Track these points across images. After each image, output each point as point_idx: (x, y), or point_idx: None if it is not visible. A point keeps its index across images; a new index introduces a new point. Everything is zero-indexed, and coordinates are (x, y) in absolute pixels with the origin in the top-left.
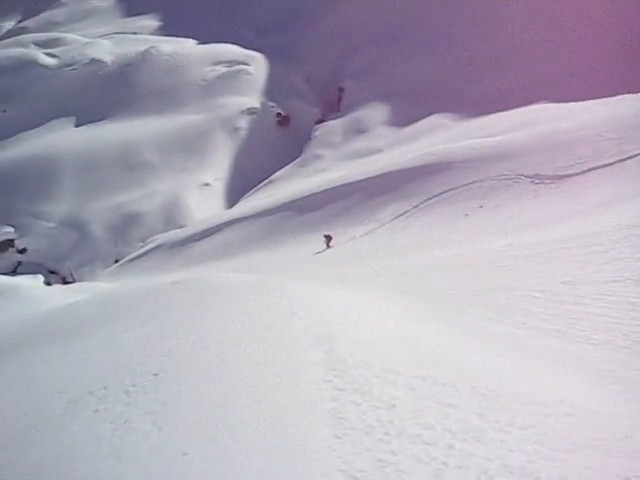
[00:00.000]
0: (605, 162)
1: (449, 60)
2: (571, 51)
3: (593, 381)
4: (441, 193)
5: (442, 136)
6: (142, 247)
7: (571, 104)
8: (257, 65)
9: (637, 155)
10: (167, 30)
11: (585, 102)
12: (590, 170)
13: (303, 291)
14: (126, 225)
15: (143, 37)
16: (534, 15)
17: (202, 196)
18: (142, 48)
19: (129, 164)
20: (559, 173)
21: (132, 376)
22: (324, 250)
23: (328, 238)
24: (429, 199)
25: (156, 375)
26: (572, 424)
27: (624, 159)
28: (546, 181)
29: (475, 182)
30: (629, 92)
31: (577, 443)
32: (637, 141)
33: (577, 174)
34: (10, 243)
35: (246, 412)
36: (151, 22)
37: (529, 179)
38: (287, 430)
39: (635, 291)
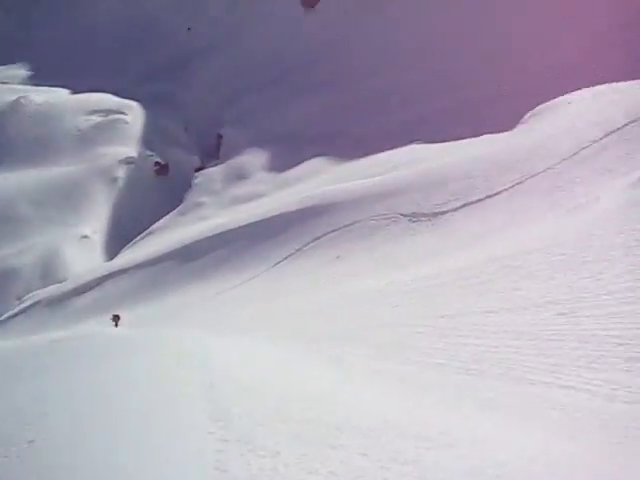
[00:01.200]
0: (476, 198)
1: (326, 103)
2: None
3: (475, 411)
4: (322, 235)
5: (322, 179)
6: (19, 304)
7: (441, 144)
8: (134, 114)
9: (505, 191)
10: (38, 79)
11: (454, 142)
12: (463, 206)
13: (187, 341)
14: (1, 282)
15: (12, 87)
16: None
17: (81, 249)
18: (12, 98)
19: (3, 218)
20: (434, 210)
21: (5, 445)
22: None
23: (116, 318)
24: (311, 242)
25: (31, 442)
26: (454, 455)
27: (492, 195)
28: (422, 219)
29: (355, 223)
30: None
31: (458, 473)
32: (504, 177)
33: (451, 211)
34: None
35: (128, 472)
36: (20, 71)
37: (407, 217)
38: None
39: (508, 319)
